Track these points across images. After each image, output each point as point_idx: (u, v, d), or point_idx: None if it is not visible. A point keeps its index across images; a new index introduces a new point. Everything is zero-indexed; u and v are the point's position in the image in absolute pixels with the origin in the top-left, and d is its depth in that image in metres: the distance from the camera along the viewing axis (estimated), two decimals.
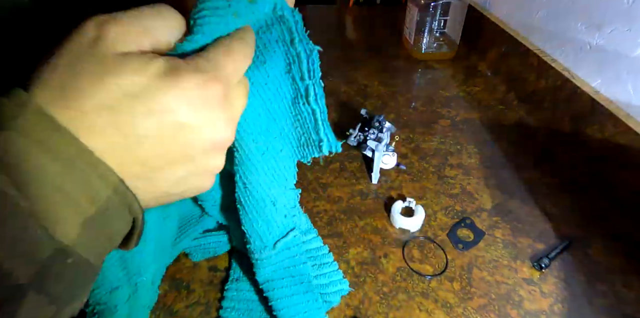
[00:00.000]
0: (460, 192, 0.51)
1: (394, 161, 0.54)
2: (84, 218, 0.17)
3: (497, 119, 0.66)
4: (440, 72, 0.81)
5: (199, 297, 0.40)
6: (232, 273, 0.41)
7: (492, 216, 0.48)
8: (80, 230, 0.17)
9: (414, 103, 0.71)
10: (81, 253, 0.17)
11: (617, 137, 0.48)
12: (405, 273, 0.41)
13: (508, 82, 0.73)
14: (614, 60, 0.51)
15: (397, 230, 0.46)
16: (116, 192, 0.18)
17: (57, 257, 0.16)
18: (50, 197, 0.16)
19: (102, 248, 0.19)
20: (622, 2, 0.48)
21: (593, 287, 0.40)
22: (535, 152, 0.58)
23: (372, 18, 1.14)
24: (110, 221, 0.18)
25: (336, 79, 0.79)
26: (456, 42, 0.85)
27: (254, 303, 0.39)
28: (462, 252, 0.43)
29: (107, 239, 0.19)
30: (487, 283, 0.40)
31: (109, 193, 0.18)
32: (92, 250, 0.18)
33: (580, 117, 0.55)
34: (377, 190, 0.52)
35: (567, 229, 0.46)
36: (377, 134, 0.52)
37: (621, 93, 0.50)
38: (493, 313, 0.38)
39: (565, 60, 0.60)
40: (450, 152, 0.58)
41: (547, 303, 0.38)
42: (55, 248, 0.16)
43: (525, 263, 0.42)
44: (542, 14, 0.66)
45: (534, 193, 0.51)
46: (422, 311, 0.38)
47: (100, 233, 0.18)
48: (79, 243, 0.17)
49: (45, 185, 0.16)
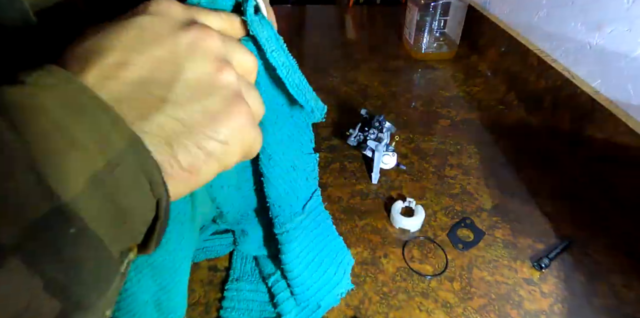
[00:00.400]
0: (460, 192, 0.51)
1: (394, 161, 0.54)
2: (90, 170, 0.14)
3: (497, 119, 0.66)
4: (440, 72, 0.81)
5: (199, 297, 0.39)
6: (232, 273, 0.41)
7: (492, 216, 0.48)
8: (84, 187, 0.14)
9: (414, 103, 0.71)
10: (87, 222, 0.14)
11: (617, 137, 0.48)
12: (405, 273, 0.41)
13: (508, 82, 0.73)
14: (614, 60, 0.51)
15: (397, 230, 0.46)
16: (132, 145, 0.15)
17: (54, 219, 0.13)
18: (51, 137, 0.14)
19: (115, 227, 0.15)
20: (622, 2, 0.48)
21: (593, 287, 0.40)
22: (535, 152, 0.58)
23: (372, 18, 1.14)
24: (123, 185, 0.15)
25: (336, 79, 0.79)
26: (456, 42, 0.85)
27: (254, 303, 0.39)
28: (462, 252, 0.43)
29: (120, 215, 0.15)
30: (487, 283, 0.40)
31: (122, 146, 0.15)
32: (101, 224, 0.14)
33: (580, 117, 0.55)
34: (377, 190, 0.52)
35: (567, 229, 0.46)
36: (377, 134, 0.52)
37: (621, 93, 0.50)
38: (493, 313, 0.38)
39: (565, 60, 0.60)
40: (450, 152, 0.58)
41: (547, 303, 0.38)
42: (53, 206, 0.13)
43: (525, 263, 0.42)
44: (542, 14, 0.66)
45: (534, 193, 0.51)
46: (422, 311, 0.38)
47: (110, 201, 0.15)
48: (83, 207, 0.14)
49: (46, 123, 0.14)
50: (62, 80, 0.15)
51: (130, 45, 0.18)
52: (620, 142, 0.48)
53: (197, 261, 0.43)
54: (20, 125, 0.13)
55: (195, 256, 0.43)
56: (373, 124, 0.53)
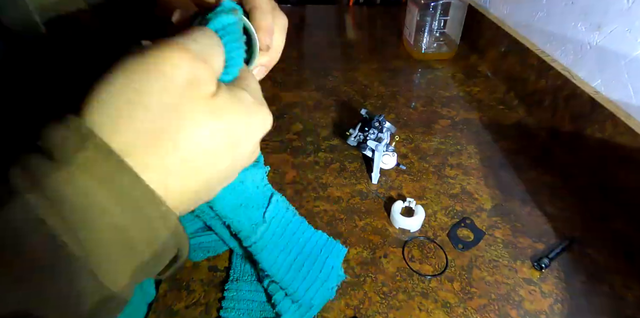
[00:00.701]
0: (460, 192, 0.51)
1: (394, 161, 0.53)
2: (137, 264, 0.16)
3: (497, 119, 0.66)
4: (440, 72, 0.81)
5: (199, 297, 0.39)
6: (232, 273, 0.41)
7: (492, 216, 0.48)
8: (131, 277, 0.16)
9: (414, 103, 0.71)
10: (125, 297, 0.16)
11: (617, 137, 0.48)
12: (405, 273, 0.41)
13: (508, 82, 0.73)
14: (614, 60, 0.51)
15: (397, 230, 0.46)
16: (174, 234, 0.17)
17: (102, 304, 0.15)
18: (106, 241, 0.15)
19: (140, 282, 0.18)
20: (622, 2, 0.48)
21: (593, 287, 0.40)
22: (535, 152, 0.58)
23: (372, 18, 1.14)
24: (160, 264, 0.18)
25: (336, 79, 0.79)
26: (456, 42, 0.85)
27: (254, 303, 0.39)
28: (462, 252, 0.43)
29: (148, 276, 0.18)
30: (487, 283, 0.40)
31: (166, 236, 0.17)
32: (133, 290, 0.17)
33: (580, 117, 0.55)
34: (377, 190, 0.52)
35: (567, 229, 0.46)
36: (377, 134, 0.52)
37: (621, 93, 0.50)
38: (493, 313, 0.38)
39: (565, 60, 0.60)
40: (450, 152, 0.58)
41: (547, 303, 0.38)
42: (103, 295, 0.15)
43: (525, 263, 0.42)
44: (542, 14, 0.66)
45: (534, 193, 0.51)
46: (422, 311, 0.38)
47: (146, 275, 0.17)
48: (127, 290, 0.16)
49: (103, 226, 0.15)
50: (113, 168, 0.15)
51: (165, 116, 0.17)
52: (620, 142, 0.48)
53: (196, 260, 0.43)
54: (76, 227, 0.14)
55: (193, 254, 0.43)
56: (373, 124, 0.53)
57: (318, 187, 0.53)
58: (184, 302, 0.39)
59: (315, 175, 0.55)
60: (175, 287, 0.40)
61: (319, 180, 0.54)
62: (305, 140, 0.62)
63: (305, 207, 0.49)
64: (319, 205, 0.50)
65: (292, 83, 0.77)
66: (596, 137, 0.51)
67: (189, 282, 0.41)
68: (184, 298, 0.39)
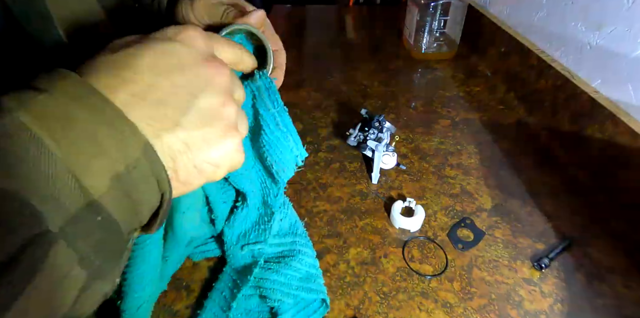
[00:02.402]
0: (460, 192, 0.51)
1: (394, 161, 0.53)
2: (113, 173, 0.18)
3: (497, 119, 0.66)
4: (440, 72, 0.81)
5: (199, 297, 0.39)
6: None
7: (492, 216, 0.48)
8: (109, 185, 0.18)
9: (414, 103, 0.71)
10: (110, 212, 0.18)
11: (617, 137, 0.48)
12: (405, 273, 0.41)
13: (508, 82, 0.73)
14: (614, 60, 0.51)
15: (397, 230, 0.46)
16: (145, 154, 0.19)
17: (87, 210, 0.17)
18: (83, 146, 0.17)
19: (129, 215, 0.19)
20: (622, 2, 0.48)
21: (593, 287, 0.40)
22: (535, 152, 0.58)
23: (372, 18, 1.14)
24: (137, 184, 0.19)
25: (336, 79, 0.79)
26: (456, 42, 0.85)
27: (253, 303, 0.38)
28: (462, 252, 0.43)
29: (134, 206, 0.19)
30: (487, 283, 0.40)
31: (138, 155, 0.19)
32: (120, 213, 0.18)
33: (580, 117, 0.55)
34: (377, 190, 0.52)
35: (567, 229, 0.46)
36: (377, 134, 0.52)
37: (621, 93, 0.50)
38: (493, 313, 0.38)
39: (565, 60, 0.60)
40: (450, 152, 0.58)
41: (547, 303, 0.38)
42: (87, 201, 0.17)
43: (525, 263, 0.42)
44: (542, 14, 0.66)
45: (534, 193, 0.51)
46: (422, 311, 0.38)
47: (127, 196, 0.19)
48: (108, 201, 0.18)
49: (78, 133, 0.17)
50: (86, 91, 0.18)
51: (158, 70, 0.20)
52: (620, 142, 0.48)
53: (195, 260, 0.43)
54: (57, 134, 0.17)
55: (194, 256, 0.43)
56: (373, 124, 0.53)
57: (318, 187, 0.53)
58: (183, 302, 0.39)
59: (315, 175, 0.55)
60: (175, 287, 0.40)
61: (319, 180, 0.54)
62: (305, 140, 0.62)
63: (305, 207, 0.49)
64: (319, 205, 0.50)
65: (292, 83, 0.77)
66: (596, 137, 0.51)
67: (189, 282, 0.41)
68: (184, 298, 0.39)
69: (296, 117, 0.67)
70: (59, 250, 0.16)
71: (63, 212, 0.16)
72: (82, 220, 0.17)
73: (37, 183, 0.16)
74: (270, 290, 0.36)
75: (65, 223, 0.16)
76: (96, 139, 0.17)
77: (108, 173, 0.18)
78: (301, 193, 0.52)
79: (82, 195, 0.17)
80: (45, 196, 0.16)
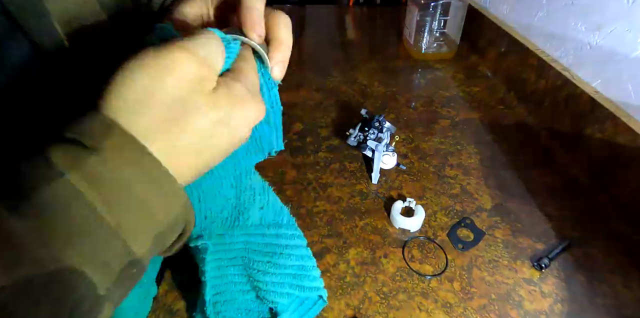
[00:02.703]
0: (460, 192, 0.51)
1: (394, 161, 0.53)
2: (157, 232, 0.19)
3: (497, 119, 0.66)
4: (440, 72, 0.81)
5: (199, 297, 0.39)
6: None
7: (492, 216, 0.48)
8: (151, 244, 0.19)
9: (414, 103, 0.71)
10: (144, 263, 0.20)
11: (617, 137, 0.48)
12: (405, 273, 0.41)
13: (508, 82, 0.73)
14: (614, 60, 0.51)
15: (397, 230, 0.46)
16: (184, 208, 0.20)
17: (128, 268, 0.18)
18: (134, 212, 0.18)
19: (156, 255, 0.21)
20: (622, 2, 0.48)
21: (593, 287, 0.40)
22: (535, 152, 0.58)
23: (372, 18, 1.14)
24: (172, 234, 0.21)
25: (336, 79, 0.79)
26: (456, 42, 0.85)
27: (253, 303, 0.38)
28: (462, 252, 0.43)
29: (162, 247, 0.21)
30: (487, 283, 0.40)
31: (179, 210, 0.20)
32: (149, 257, 0.20)
33: (580, 117, 0.55)
34: (377, 190, 0.52)
35: (567, 229, 0.46)
36: (377, 134, 0.52)
37: (621, 93, 0.50)
38: (493, 313, 0.38)
39: (565, 60, 0.60)
40: (450, 152, 0.58)
41: (547, 303, 0.38)
42: (130, 260, 0.18)
43: (525, 263, 0.42)
44: (542, 14, 0.66)
45: (534, 193, 0.51)
46: (422, 311, 0.38)
47: (162, 245, 0.21)
48: (146, 256, 0.19)
49: (131, 200, 0.18)
50: (138, 152, 0.19)
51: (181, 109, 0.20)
52: (620, 142, 0.48)
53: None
54: (111, 202, 0.17)
55: None
56: (373, 124, 0.53)
57: (318, 187, 0.53)
58: (183, 302, 0.39)
59: (315, 175, 0.55)
60: (175, 287, 0.40)
61: (319, 180, 0.54)
62: (305, 140, 0.62)
63: (306, 207, 0.49)
64: (319, 205, 0.50)
65: (292, 83, 0.77)
66: (596, 137, 0.51)
67: (189, 281, 0.41)
68: (184, 298, 0.39)
69: (296, 117, 0.67)
70: (104, 312, 0.18)
71: (111, 276, 0.18)
72: (123, 278, 0.18)
73: (92, 254, 0.17)
74: (264, 291, 0.36)
75: (112, 285, 0.18)
76: (146, 204, 0.18)
77: (153, 234, 0.19)
78: (301, 193, 0.52)
79: (127, 255, 0.18)
80: (97, 264, 0.17)
